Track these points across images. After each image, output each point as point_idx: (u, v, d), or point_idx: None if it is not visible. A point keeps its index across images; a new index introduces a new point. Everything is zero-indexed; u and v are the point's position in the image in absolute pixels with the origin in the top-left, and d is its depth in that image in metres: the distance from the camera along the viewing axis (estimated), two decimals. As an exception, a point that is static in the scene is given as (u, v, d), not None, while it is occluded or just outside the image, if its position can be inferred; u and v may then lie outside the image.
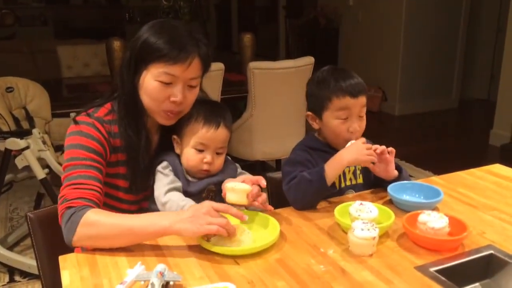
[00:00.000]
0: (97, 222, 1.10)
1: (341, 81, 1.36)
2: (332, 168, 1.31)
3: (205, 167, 1.30)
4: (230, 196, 1.19)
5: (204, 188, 1.31)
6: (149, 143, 1.32)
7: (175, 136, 1.35)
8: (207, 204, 1.11)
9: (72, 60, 4.21)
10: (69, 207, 1.13)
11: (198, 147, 1.30)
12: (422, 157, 4.03)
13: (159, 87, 1.23)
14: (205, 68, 1.30)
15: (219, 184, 1.32)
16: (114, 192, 1.31)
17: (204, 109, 1.31)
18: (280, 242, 1.15)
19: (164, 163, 1.32)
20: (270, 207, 1.25)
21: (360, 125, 1.38)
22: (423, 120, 5.53)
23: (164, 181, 1.28)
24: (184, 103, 1.26)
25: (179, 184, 1.29)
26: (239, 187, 1.18)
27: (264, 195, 1.22)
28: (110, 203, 1.32)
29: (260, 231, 1.21)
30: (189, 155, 1.31)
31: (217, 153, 1.32)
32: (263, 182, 1.23)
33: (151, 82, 1.23)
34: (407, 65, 5.53)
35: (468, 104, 6.09)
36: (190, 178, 1.33)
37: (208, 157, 1.30)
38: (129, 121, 1.27)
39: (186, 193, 1.28)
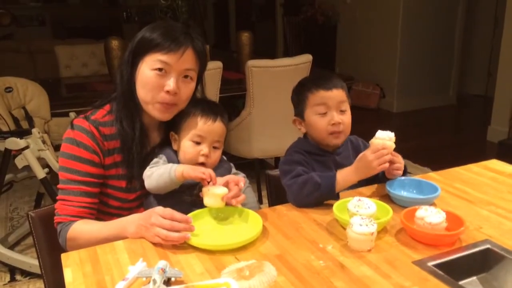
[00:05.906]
0: (78, 236, 1.22)
1: (316, 80, 1.44)
2: (343, 180, 1.32)
3: (202, 159, 1.32)
4: (205, 200, 1.22)
5: (195, 184, 1.31)
6: (144, 137, 1.34)
7: (172, 133, 1.37)
8: (154, 213, 1.14)
9: (70, 59, 4.21)
10: (59, 223, 1.26)
11: (195, 139, 1.32)
12: (420, 153, 4.04)
13: (154, 76, 1.26)
14: (201, 62, 1.33)
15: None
16: (114, 192, 1.33)
17: (201, 105, 1.36)
18: (280, 238, 1.17)
19: (160, 155, 1.35)
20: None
21: (342, 118, 1.41)
22: (421, 117, 5.54)
23: (151, 163, 1.33)
24: (179, 95, 1.29)
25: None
26: (212, 192, 1.21)
27: (242, 197, 1.25)
28: (111, 203, 1.34)
29: (241, 226, 1.23)
30: (186, 148, 1.33)
31: (214, 147, 1.35)
32: (241, 184, 1.27)
33: (147, 72, 1.27)
34: (405, 62, 5.54)
35: (466, 100, 6.11)
36: None
37: (205, 149, 1.32)
38: (125, 113, 1.31)
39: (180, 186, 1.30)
